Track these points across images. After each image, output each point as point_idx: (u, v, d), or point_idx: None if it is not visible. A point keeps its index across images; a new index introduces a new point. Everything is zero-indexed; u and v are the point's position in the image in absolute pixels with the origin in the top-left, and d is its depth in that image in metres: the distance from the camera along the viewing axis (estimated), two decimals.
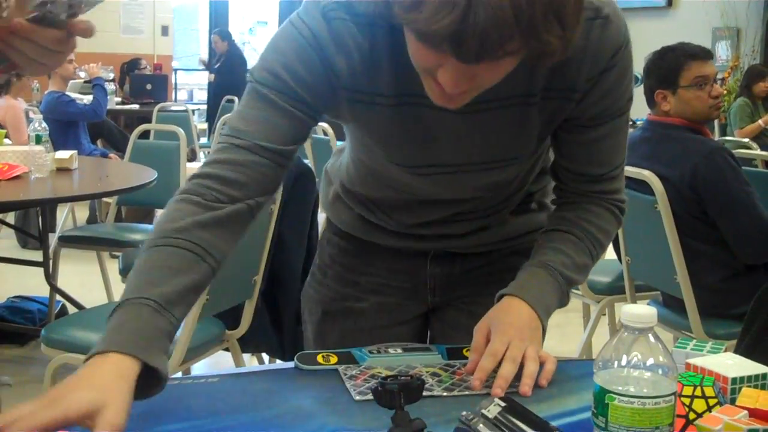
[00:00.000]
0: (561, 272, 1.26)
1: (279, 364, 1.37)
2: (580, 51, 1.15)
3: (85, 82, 6.28)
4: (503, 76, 1.02)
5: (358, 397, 1.08)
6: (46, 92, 5.54)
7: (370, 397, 1.05)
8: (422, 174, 1.28)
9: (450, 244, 1.41)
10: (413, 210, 1.37)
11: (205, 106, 9.98)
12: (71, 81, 5.97)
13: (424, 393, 0.96)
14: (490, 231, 1.40)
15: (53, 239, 4.09)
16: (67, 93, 5.64)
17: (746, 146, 4.57)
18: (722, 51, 9.76)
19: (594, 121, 1.24)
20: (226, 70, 9.05)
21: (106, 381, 0.94)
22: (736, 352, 1.16)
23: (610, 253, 4.40)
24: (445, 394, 1.10)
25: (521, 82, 1.17)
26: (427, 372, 1.17)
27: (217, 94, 8.48)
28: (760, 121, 6.84)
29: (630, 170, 2.88)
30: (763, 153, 3.75)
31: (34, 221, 5.24)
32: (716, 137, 6.60)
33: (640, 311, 0.89)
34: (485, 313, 1.24)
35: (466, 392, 1.11)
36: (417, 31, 0.96)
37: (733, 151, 3.52)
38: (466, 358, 1.23)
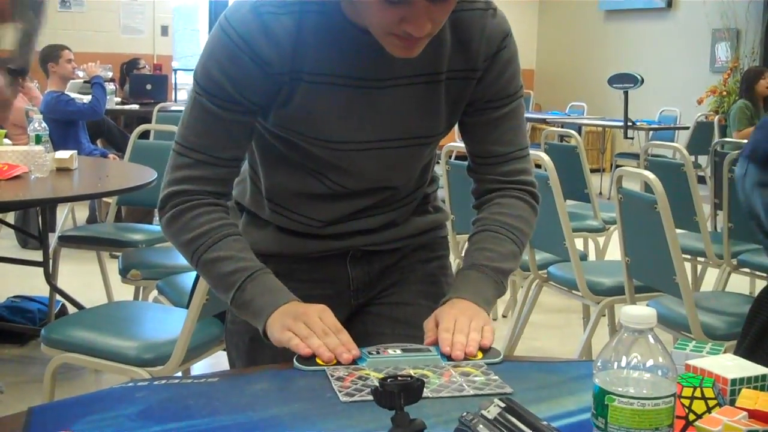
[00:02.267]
0: (488, 266, 1.40)
1: (278, 364, 1.37)
2: (478, 35, 1.35)
3: (84, 82, 6.28)
4: (446, 17, 1.23)
5: (344, 399, 1.08)
6: (45, 92, 5.54)
7: (357, 398, 1.07)
8: (340, 150, 1.36)
9: (366, 240, 1.48)
10: (329, 207, 1.44)
11: None
12: (70, 81, 5.96)
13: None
14: (398, 227, 1.50)
15: (53, 239, 4.09)
16: (66, 93, 5.64)
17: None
18: (722, 52, 9.77)
19: (493, 102, 1.41)
20: None
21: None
22: (735, 353, 1.16)
23: (609, 254, 4.41)
24: (431, 395, 1.10)
25: (429, 62, 1.33)
26: (415, 374, 1.17)
27: None
28: None
29: (630, 170, 2.88)
30: None
31: (34, 221, 5.24)
32: (716, 138, 6.61)
33: (640, 312, 0.89)
34: (404, 299, 1.49)
35: (456, 394, 1.11)
36: None
37: (733, 153, 3.52)
38: (465, 359, 1.23)
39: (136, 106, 7.70)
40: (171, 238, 1.38)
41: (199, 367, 2.77)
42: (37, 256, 3.82)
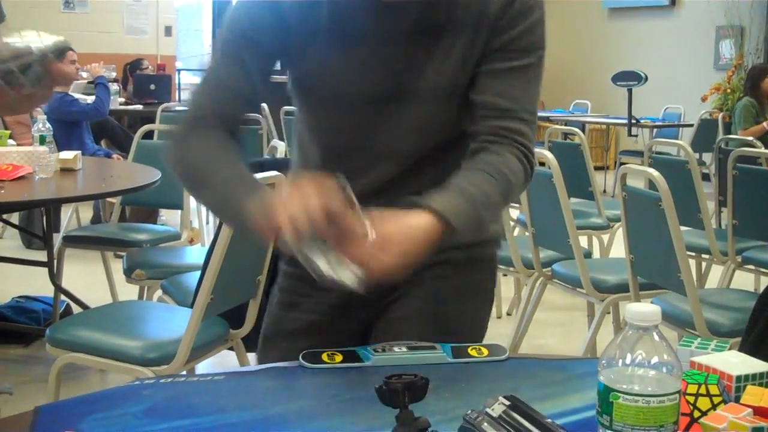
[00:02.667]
0: (468, 190, 1.26)
1: (283, 363, 1.37)
2: None
3: (88, 82, 6.29)
4: None
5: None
6: None
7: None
8: (363, 105, 1.36)
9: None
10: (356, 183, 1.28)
11: None
12: (74, 82, 5.97)
13: None
14: None
15: (57, 239, 4.09)
16: (70, 93, 5.65)
17: (751, 145, 4.57)
18: (726, 50, 9.75)
19: (502, 53, 1.34)
20: None
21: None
22: (740, 349, 1.16)
23: (613, 251, 4.41)
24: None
25: (444, 10, 1.32)
26: None
27: None
28: (765, 124, 6.83)
29: (636, 168, 2.88)
30: None
31: (38, 221, 5.24)
32: (720, 136, 6.60)
33: (645, 309, 0.89)
34: (402, 314, 1.41)
35: None
36: None
37: (737, 150, 3.52)
38: (471, 356, 1.23)
39: (139, 107, 7.70)
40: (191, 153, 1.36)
41: (203, 367, 2.77)
42: (41, 256, 3.83)
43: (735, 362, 1.05)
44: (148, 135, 4.47)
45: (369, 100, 1.36)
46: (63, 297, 3.79)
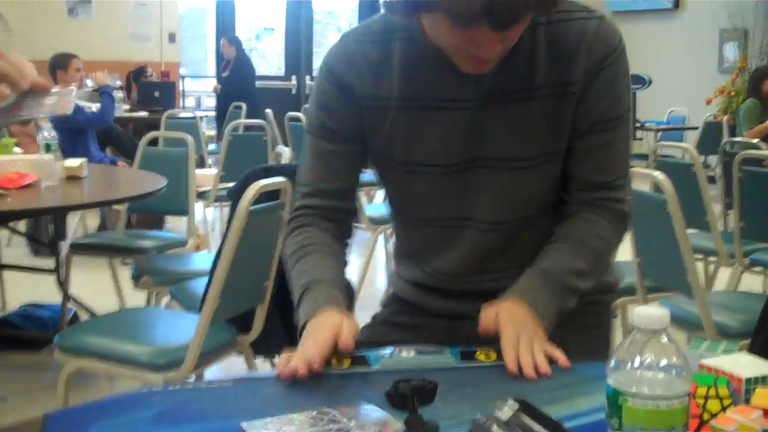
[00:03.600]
0: (554, 276, 1.33)
1: None
2: (576, 44, 1.28)
3: (93, 90, 6.30)
4: (517, 36, 1.20)
5: None
6: None
7: None
8: (438, 172, 1.35)
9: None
10: (453, 252, 1.42)
11: (213, 113, 10.01)
12: (78, 89, 5.99)
13: None
14: None
15: (65, 247, 4.10)
16: (75, 101, 5.66)
17: (755, 147, 4.56)
18: (730, 52, 9.74)
19: (596, 126, 1.32)
20: (234, 78, 9.06)
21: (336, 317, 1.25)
22: (749, 351, 1.15)
23: (620, 255, 4.39)
24: None
25: (523, 76, 1.29)
26: None
27: (225, 101, 8.48)
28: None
29: (642, 171, 2.88)
30: None
31: (45, 229, 5.26)
32: (725, 138, 6.59)
33: (653, 313, 0.89)
34: None
35: None
36: (453, 16, 1.12)
37: (743, 152, 3.51)
38: (480, 360, 1.23)
39: (144, 114, 7.72)
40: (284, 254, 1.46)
41: (212, 372, 2.78)
42: (49, 263, 3.84)
43: (744, 364, 1.05)
44: (153, 142, 4.48)
45: (448, 168, 1.35)
46: (71, 304, 3.79)
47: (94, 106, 5.80)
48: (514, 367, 1.20)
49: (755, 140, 5.12)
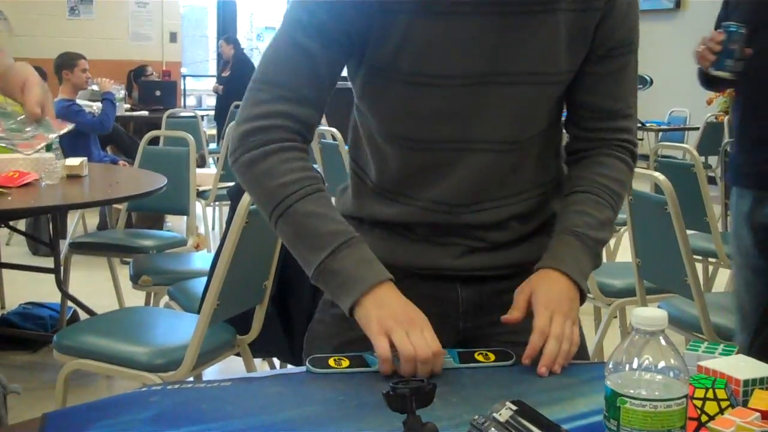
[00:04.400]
0: (588, 235, 1.31)
1: (290, 368, 1.38)
2: None
3: (95, 90, 6.30)
4: None
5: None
6: (55, 99, 5.56)
7: None
8: (449, 86, 1.24)
9: (478, 261, 1.36)
10: (446, 179, 1.31)
11: (213, 112, 10.01)
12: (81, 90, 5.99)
13: None
14: (515, 248, 1.37)
15: (64, 246, 4.10)
16: (77, 101, 5.65)
17: None
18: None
19: (616, 50, 1.31)
20: (235, 77, 9.05)
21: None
22: (748, 354, 1.15)
23: (620, 256, 4.39)
24: None
25: None
26: None
27: (226, 101, 8.47)
28: None
29: (642, 172, 2.88)
30: None
31: (45, 228, 5.26)
32: (725, 139, 6.59)
33: (651, 314, 0.89)
34: (523, 338, 1.24)
35: None
36: None
37: None
38: (478, 361, 1.23)
39: (145, 113, 7.73)
40: (250, 181, 1.26)
41: (210, 372, 2.78)
42: (48, 262, 3.84)
43: (742, 366, 1.05)
44: (154, 141, 4.49)
45: (464, 80, 1.24)
46: (70, 303, 3.80)
47: (95, 105, 5.80)
48: (530, 356, 1.19)
49: None
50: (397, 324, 1.16)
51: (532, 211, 1.38)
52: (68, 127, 1.54)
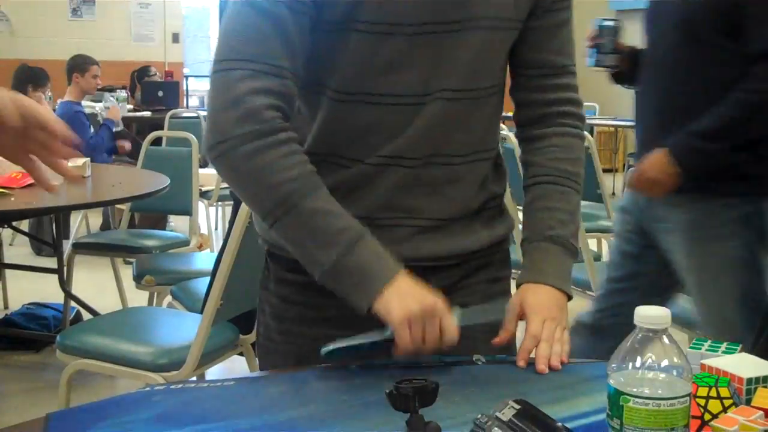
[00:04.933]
0: (562, 235, 1.34)
1: (293, 368, 1.39)
2: None
3: (99, 90, 6.29)
4: None
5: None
6: (60, 100, 5.55)
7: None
8: (410, 33, 1.20)
9: (420, 250, 1.30)
10: (401, 134, 1.26)
11: None
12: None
13: None
14: (459, 237, 1.33)
15: (67, 246, 4.11)
16: (82, 105, 5.62)
17: None
18: None
19: (556, 4, 1.34)
20: None
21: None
22: (751, 352, 1.15)
23: None
24: None
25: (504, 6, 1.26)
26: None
27: None
28: None
29: None
30: None
31: (48, 229, 5.26)
32: None
33: (654, 313, 0.89)
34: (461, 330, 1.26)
35: None
36: None
37: None
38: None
39: (148, 113, 7.73)
40: (243, 177, 1.18)
41: (213, 372, 2.78)
42: (51, 263, 3.84)
43: (746, 364, 1.05)
44: (157, 142, 4.49)
45: (426, 27, 1.21)
46: (73, 303, 3.80)
47: (98, 106, 5.79)
48: (523, 359, 1.22)
49: None
50: (418, 314, 1.15)
51: (478, 180, 1.35)
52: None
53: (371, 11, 1.19)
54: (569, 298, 1.32)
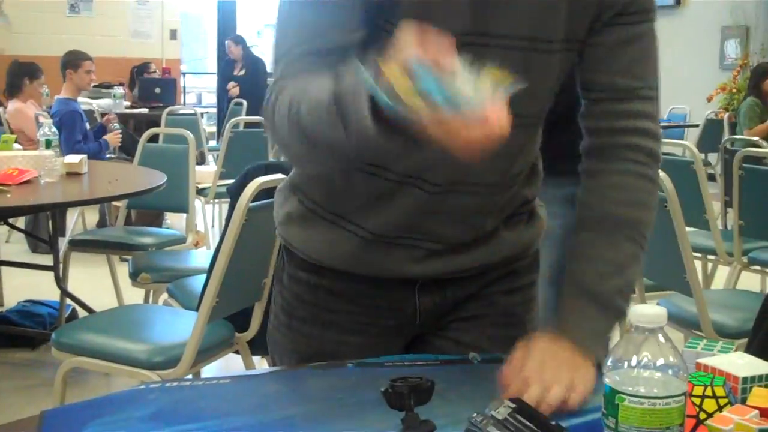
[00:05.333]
0: (602, 292, 1.15)
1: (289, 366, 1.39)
2: None
3: (96, 86, 6.26)
4: None
5: None
6: (57, 97, 5.54)
7: None
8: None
9: (437, 267, 1.23)
10: (388, 201, 1.16)
11: (214, 109, 9.99)
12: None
13: None
14: (482, 248, 1.24)
15: (63, 243, 4.10)
16: (78, 102, 5.59)
17: (756, 145, 4.56)
18: (731, 49, 9.73)
19: (624, 17, 1.13)
20: (250, 76, 8.95)
21: None
22: (746, 351, 1.15)
23: None
24: None
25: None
26: None
27: (245, 98, 8.26)
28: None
29: None
30: None
31: (44, 225, 5.25)
32: (725, 136, 6.60)
33: (650, 311, 0.89)
34: (472, 340, 1.23)
35: None
36: None
37: (744, 150, 3.51)
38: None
39: (145, 110, 7.72)
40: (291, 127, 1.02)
41: (209, 370, 2.78)
42: (47, 260, 3.84)
43: (741, 364, 1.05)
44: (154, 139, 4.48)
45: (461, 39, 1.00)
46: (69, 301, 3.80)
47: (95, 103, 5.78)
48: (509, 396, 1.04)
49: (756, 138, 5.12)
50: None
51: (507, 205, 1.24)
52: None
53: (407, 17, 1.00)
54: (597, 362, 1.10)
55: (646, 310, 0.89)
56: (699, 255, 3.80)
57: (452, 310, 1.29)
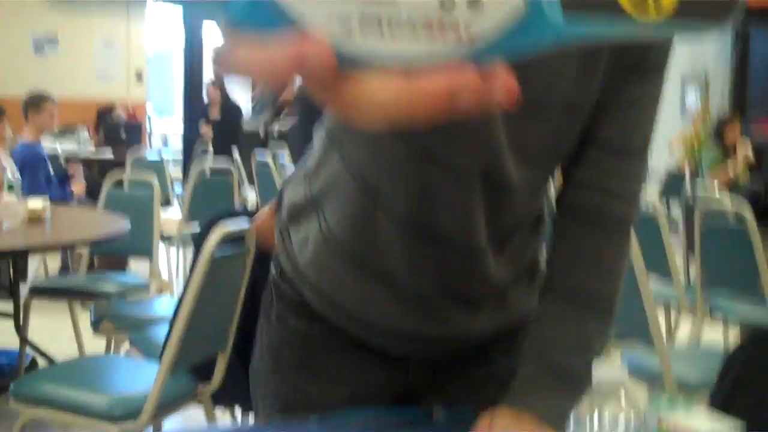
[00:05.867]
0: (565, 365, 1.09)
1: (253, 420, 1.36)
2: None
3: (61, 130, 6.23)
4: None
5: None
6: (21, 141, 5.49)
7: None
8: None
9: (436, 348, 1.20)
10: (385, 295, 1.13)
11: (180, 156, 9.95)
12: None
13: None
14: (484, 316, 1.19)
15: (24, 289, 4.03)
16: (41, 145, 5.54)
17: (717, 201, 4.62)
18: (691, 98, 9.92)
19: (636, 71, 1.09)
20: (225, 121, 8.92)
21: None
22: (710, 403, 1.16)
23: None
24: None
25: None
26: None
27: (217, 143, 8.23)
28: (729, 166, 6.99)
29: None
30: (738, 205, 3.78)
31: (4, 271, 5.16)
32: (687, 186, 6.70)
33: (608, 373, 0.89)
34: (465, 399, 1.19)
35: None
36: None
37: (705, 207, 3.55)
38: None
39: (110, 156, 7.69)
40: None
41: (171, 422, 2.73)
42: (7, 307, 3.77)
43: (703, 420, 1.05)
44: (118, 183, 4.44)
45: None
46: (29, 350, 3.72)
47: (60, 147, 5.73)
48: None
49: (717, 190, 5.20)
50: None
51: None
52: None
53: None
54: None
55: (606, 371, 0.89)
56: (663, 306, 3.83)
57: (446, 386, 1.24)
